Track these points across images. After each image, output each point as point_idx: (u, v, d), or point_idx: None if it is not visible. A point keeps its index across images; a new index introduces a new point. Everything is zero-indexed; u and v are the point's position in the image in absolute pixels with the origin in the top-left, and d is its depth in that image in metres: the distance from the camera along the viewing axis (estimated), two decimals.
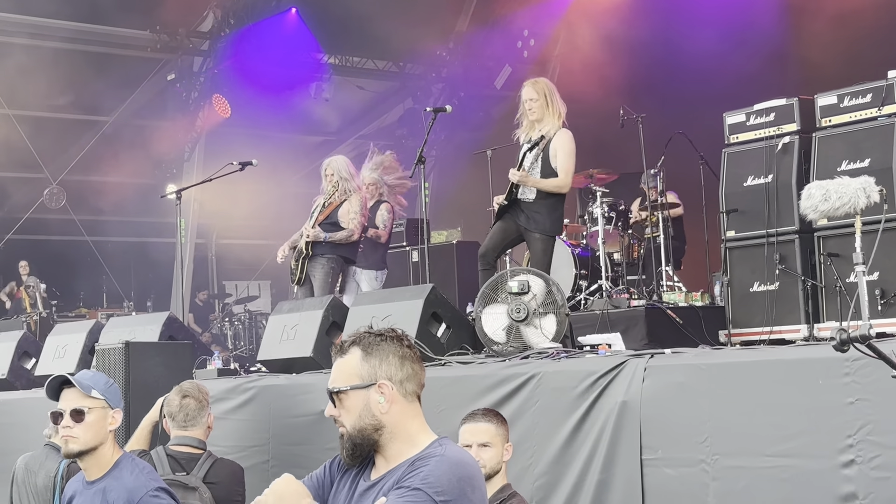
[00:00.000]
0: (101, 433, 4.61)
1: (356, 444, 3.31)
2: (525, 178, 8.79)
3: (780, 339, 7.96)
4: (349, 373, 3.35)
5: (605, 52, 16.08)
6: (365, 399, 3.32)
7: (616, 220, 11.51)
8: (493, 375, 7.05)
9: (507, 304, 7.66)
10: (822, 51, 13.70)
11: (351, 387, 3.33)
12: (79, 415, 4.58)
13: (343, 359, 3.37)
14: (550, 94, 8.93)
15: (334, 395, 3.35)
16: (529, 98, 8.97)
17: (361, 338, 3.38)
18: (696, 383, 6.09)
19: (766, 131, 8.43)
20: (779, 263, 8.12)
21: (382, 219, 11.62)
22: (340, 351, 3.40)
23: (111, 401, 4.67)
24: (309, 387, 8.26)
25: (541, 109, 8.91)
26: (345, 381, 3.34)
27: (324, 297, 9.44)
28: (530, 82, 9.08)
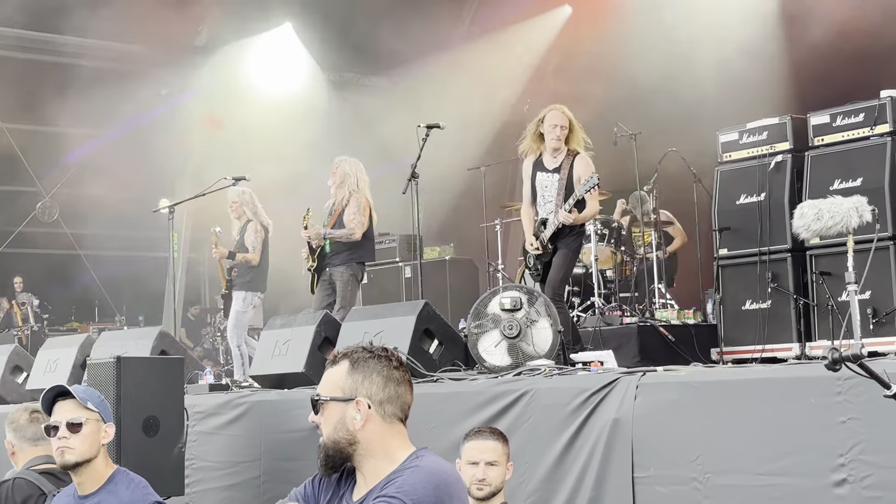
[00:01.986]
0: (95, 446, 4.64)
1: (329, 454, 3.37)
2: (578, 218, 8.68)
3: (772, 357, 7.98)
4: (333, 384, 3.38)
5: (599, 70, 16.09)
6: (342, 412, 3.34)
7: (609, 238, 11.52)
8: (486, 392, 7.04)
9: (499, 320, 7.66)
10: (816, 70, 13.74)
11: (331, 398, 3.37)
12: (75, 426, 4.60)
13: (332, 369, 3.41)
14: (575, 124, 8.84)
15: (316, 403, 3.38)
16: (560, 124, 8.75)
17: (353, 352, 3.41)
18: (688, 401, 6.09)
19: (758, 150, 8.47)
20: (771, 282, 8.14)
21: (251, 241, 11.62)
22: (332, 361, 3.43)
23: (104, 415, 4.70)
24: (301, 402, 8.24)
25: (565, 141, 8.78)
26: (327, 391, 3.38)
27: (316, 313, 9.44)
28: (560, 108, 8.88)
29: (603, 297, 10.88)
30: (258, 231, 11.53)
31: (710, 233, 8.81)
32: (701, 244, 10.61)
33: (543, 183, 8.94)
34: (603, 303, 10.72)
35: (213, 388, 9.37)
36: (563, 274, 8.79)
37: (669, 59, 14.98)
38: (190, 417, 8.05)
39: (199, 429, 8.73)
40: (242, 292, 11.51)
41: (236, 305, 11.45)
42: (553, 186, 8.89)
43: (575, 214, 8.65)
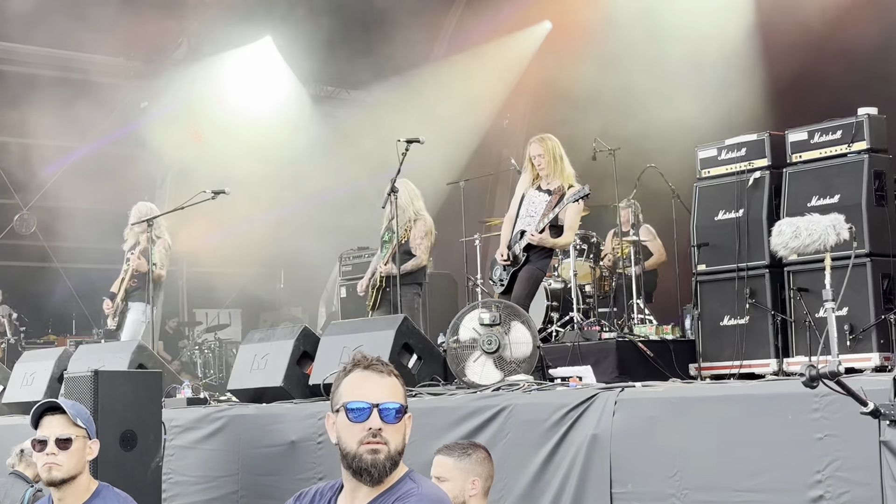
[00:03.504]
0: (81, 462, 4.63)
1: (395, 463, 3.31)
2: (544, 240, 8.97)
3: (749, 373, 8.00)
4: (401, 393, 3.37)
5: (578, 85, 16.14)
6: (405, 424, 3.36)
7: (587, 253, 11.54)
8: (464, 407, 7.04)
9: (478, 335, 7.66)
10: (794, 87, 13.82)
11: (407, 409, 3.36)
12: (65, 442, 4.58)
13: (391, 379, 3.36)
14: (557, 152, 9.16)
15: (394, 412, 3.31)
16: (537, 154, 9.18)
17: (392, 367, 3.41)
18: (666, 417, 6.10)
19: (737, 166, 8.50)
20: (749, 298, 8.17)
21: (160, 256, 11.67)
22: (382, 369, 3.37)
23: (91, 431, 4.69)
24: (279, 417, 8.23)
25: (548, 166, 9.13)
26: (402, 398, 3.36)
27: (295, 327, 9.43)
28: (537, 139, 9.30)
29: (582, 312, 10.89)
30: (165, 247, 11.64)
31: (688, 248, 8.83)
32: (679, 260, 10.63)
33: (532, 198, 9.18)
34: (582, 318, 10.73)
35: (191, 402, 9.34)
36: (527, 290, 8.97)
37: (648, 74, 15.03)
38: (167, 432, 8.02)
39: (176, 443, 8.70)
40: (140, 304, 11.52)
41: (134, 316, 11.49)
42: (540, 204, 9.08)
43: (541, 237, 8.85)
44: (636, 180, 11.64)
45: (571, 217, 9.10)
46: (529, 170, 9.33)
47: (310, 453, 7.83)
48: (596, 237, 11.76)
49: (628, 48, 15.43)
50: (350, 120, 21.31)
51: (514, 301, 8.65)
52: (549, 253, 9.32)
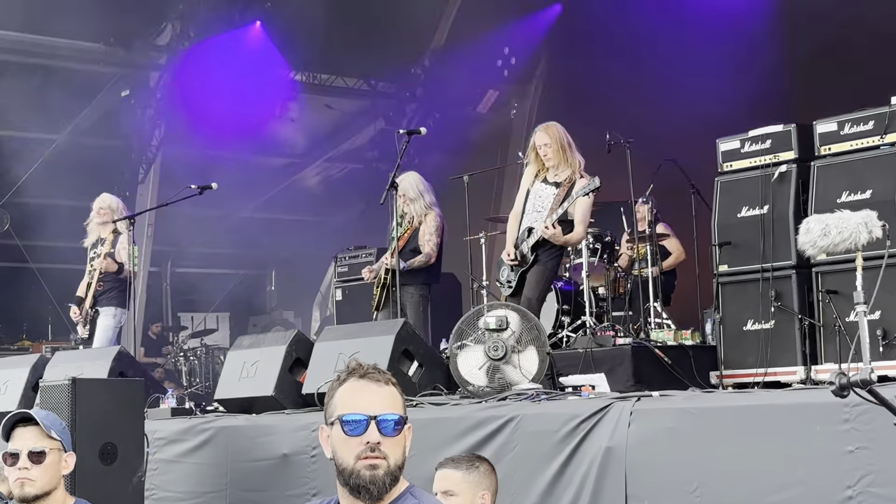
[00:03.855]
0: (56, 477, 4.62)
1: (395, 478, 3.31)
2: (556, 236, 9.02)
3: (775, 381, 7.98)
4: (400, 403, 3.37)
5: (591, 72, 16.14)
6: (405, 436, 3.35)
7: (601, 253, 11.52)
8: (469, 418, 7.05)
9: (483, 341, 7.66)
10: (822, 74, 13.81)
11: (407, 420, 3.36)
12: (38, 456, 4.57)
13: (389, 388, 3.35)
14: (564, 141, 9.21)
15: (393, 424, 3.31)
16: (544, 143, 9.25)
17: (390, 375, 3.40)
18: (685, 428, 6.10)
19: (761, 159, 8.47)
20: (774, 300, 8.15)
21: (127, 254, 11.56)
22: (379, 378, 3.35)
23: (66, 444, 4.68)
24: (270, 428, 8.23)
25: (555, 155, 9.20)
26: (401, 409, 3.35)
27: (287, 333, 9.43)
28: (542, 127, 9.38)
29: (594, 316, 10.87)
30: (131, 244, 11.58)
31: (709, 248, 8.82)
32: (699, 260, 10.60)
33: (539, 192, 9.22)
34: (594, 322, 10.71)
35: (176, 413, 9.35)
36: (538, 292, 9.01)
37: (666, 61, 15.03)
38: (150, 444, 8.02)
39: (160, 456, 8.71)
40: (112, 308, 11.50)
41: (106, 322, 11.45)
42: (548, 198, 9.12)
43: (555, 231, 8.87)
44: (653, 175, 11.62)
45: (582, 211, 9.12)
46: (534, 161, 9.36)
47: (303, 467, 7.83)
48: (610, 235, 11.75)
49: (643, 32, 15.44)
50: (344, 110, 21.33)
51: (524, 304, 8.66)
52: (560, 251, 9.34)
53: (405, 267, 10.31)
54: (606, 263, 11.54)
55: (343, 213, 21.48)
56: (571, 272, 11.63)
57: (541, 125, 9.43)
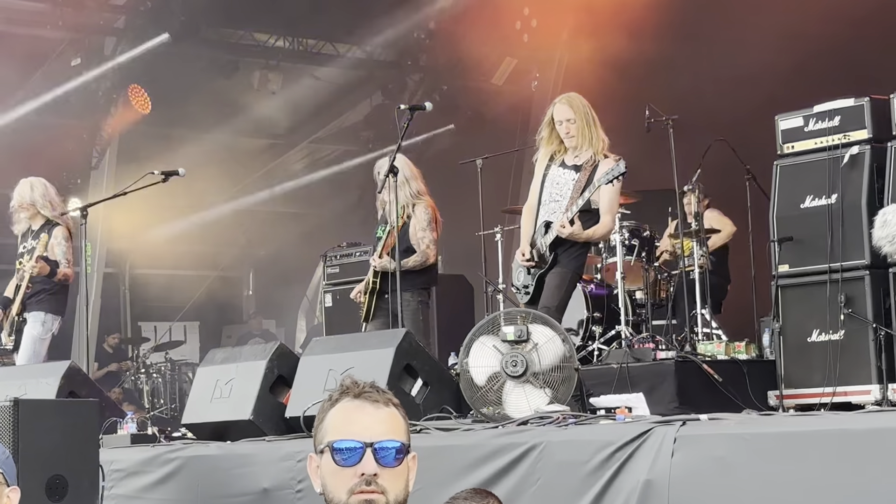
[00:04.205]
0: None
1: None
2: (575, 234, 8.95)
3: (845, 402, 7.99)
4: (403, 428, 3.38)
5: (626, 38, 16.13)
6: (409, 467, 3.37)
7: (639, 250, 11.52)
8: (483, 446, 7.05)
9: (500, 355, 7.67)
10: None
11: (410, 448, 3.37)
12: None
13: (389, 410, 3.37)
14: (590, 115, 9.09)
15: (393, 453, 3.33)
16: (567, 118, 9.12)
17: (391, 394, 3.41)
18: (739, 458, 6.10)
19: (828, 139, 8.48)
20: (844, 307, 8.16)
21: (62, 251, 11.48)
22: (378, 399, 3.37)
23: (8, 476, 4.65)
24: (248, 458, 8.25)
25: (579, 133, 9.07)
26: (403, 436, 3.37)
27: (267, 346, 9.44)
28: (565, 99, 9.25)
29: (631, 325, 10.88)
30: (67, 238, 11.48)
31: (766, 244, 8.83)
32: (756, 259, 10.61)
33: (556, 178, 9.13)
34: (631, 333, 10.72)
35: (137, 440, 9.36)
36: (559, 299, 8.96)
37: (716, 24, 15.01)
38: (106, 477, 8.04)
39: (117, 492, 8.73)
40: (41, 314, 11.47)
41: (33, 330, 11.40)
42: (567, 185, 9.05)
43: (572, 229, 8.83)
44: (700, 158, 11.62)
45: (609, 198, 9.06)
46: (549, 140, 9.23)
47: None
48: (650, 230, 11.75)
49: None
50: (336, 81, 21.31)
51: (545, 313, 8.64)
52: (584, 250, 9.30)
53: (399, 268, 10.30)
54: (645, 263, 11.55)
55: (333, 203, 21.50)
56: (604, 273, 11.63)
57: (562, 96, 9.33)
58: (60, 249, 11.40)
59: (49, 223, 11.55)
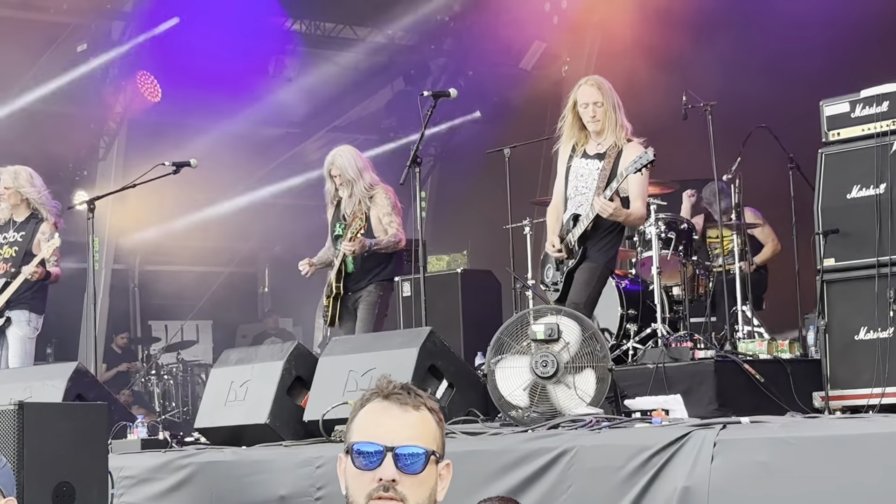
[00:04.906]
0: None
1: None
2: (617, 211, 8.96)
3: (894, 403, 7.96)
4: (432, 435, 3.38)
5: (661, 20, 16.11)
6: (436, 474, 3.36)
7: (676, 244, 11.50)
8: (512, 451, 7.06)
9: (530, 355, 7.67)
10: None
11: (440, 455, 3.37)
12: None
13: (418, 414, 3.37)
14: (616, 100, 9.13)
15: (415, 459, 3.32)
16: (594, 101, 9.13)
17: (426, 396, 3.40)
18: (782, 463, 6.09)
19: (877, 126, 8.45)
20: (894, 303, 8.14)
21: (50, 245, 11.47)
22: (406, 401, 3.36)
23: (3, 486, 4.65)
24: (264, 465, 8.26)
25: (605, 117, 9.12)
26: (430, 441, 3.35)
27: (284, 345, 9.45)
28: (593, 82, 9.26)
29: (668, 323, 10.87)
30: (54, 234, 11.47)
31: (811, 237, 8.81)
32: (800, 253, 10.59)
33: (579, 171, 9.16)
34: (668, 331, 10.71)
35: (147, 445, 9.39)
36: (587, 295, 8.98)
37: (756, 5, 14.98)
38: (115, 485, 8.06)
39: (127, 499, 8.75)
40: (26, 312, 11.49)
41: (20, 331, 11.43)
42: (592, 175, 9.07)
43: (616, 204, 8.83)
44: (741, 146, 11.60)
45: (639, 184, 9.08)
46: (571, 128, 9.23)
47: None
48: (686, 223, 11.74)
49: None
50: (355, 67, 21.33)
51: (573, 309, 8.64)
52: (615, 243, 9.29)
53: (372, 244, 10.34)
54: (682, 257, 11.53)
55: None
56: (639, 268, 11.62)
57: (588, 78, 9.33)
58: (48, 246, 11.40)
59: (34, 217, 11.57)
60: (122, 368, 19.80)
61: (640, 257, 11.65)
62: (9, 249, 11.50)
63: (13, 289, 11.35)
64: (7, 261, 11.51)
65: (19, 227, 11.54)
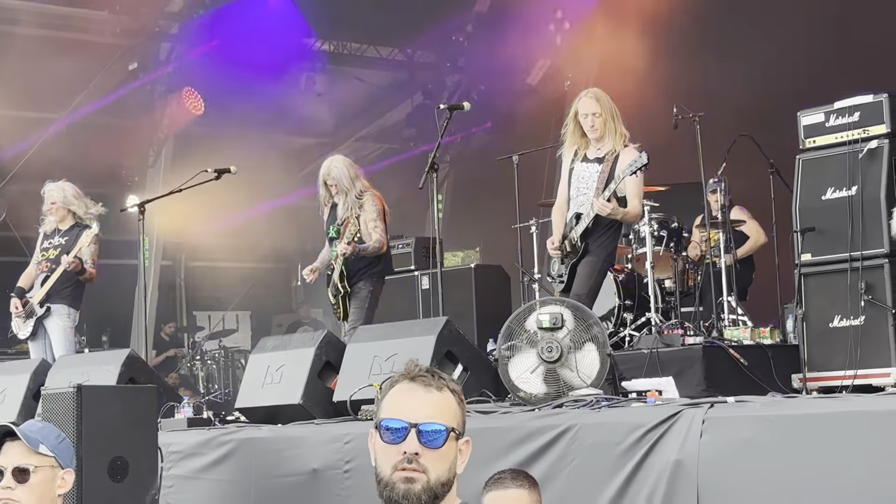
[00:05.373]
0: (47, 497, 4.58)
1: (435, 496, 3.32)
2: (615, 210, 8.99)
3: (866, 385, 7.94)
4: (452, 413, 3.38)
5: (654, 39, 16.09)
6: (455, 450, 3.37)
7: (668, 241, 11.50)
8: (520, 428, 7.05)
9: (536, 342, 7.66)
10: None
11: (460, 432, 3.37)
12: (23, 474, 4.55)
13: (440, 395, 3.38)
14: (614, 110, 9.13)
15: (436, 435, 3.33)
16: (592, 112, 9.14)
17: (448, 379, 3.42)
18: (764, 438, 6.08)
19: (848, 134, 8.42)
20: (864, 293, 8.11)
21: (90, 252, 11.52)
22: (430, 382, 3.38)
23: (62, 459, 4.65)
24: (298, 440, 8.27)
25: (603, 126, 9.14)
26: (451, 419, 3.36)
27: (315, 333, 9.46)
28: (591, 93, 9.28)
29: (661, 312, 10.86)
30: (95, 241, 11.52)
31: (789, 235, 8.79)
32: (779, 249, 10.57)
33: (581, 174, 9.19)
34: (661, 319, 10.70)
35: (193, 424, 9.40)
36: (589, 287, 8.98)
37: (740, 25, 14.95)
38: (165, 459, 8.07)
39: (175, 472, 8.76)
40: (65, 306, 11.53)
41: (60, 322, 11.48)
42: (592, 178, 9.09)
43: (614, 205, 8.85)
44: (726, 153, 11.58)
45: (635, 184, 9.09)
46: (573, 135, 9.26)
47: (335, 484, 7.86)
48: (678, 221, 11.72)
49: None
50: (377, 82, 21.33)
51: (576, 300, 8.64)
52: (613, 239, 9.29)
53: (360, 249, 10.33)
54: (674, 253, 11.52)
55: None
56: (634, 263, 11.61)
57: (588, 91, 9.33)
58: (88, 251, 11.47)
59: (78, 225, 11.62)
60: (169, 354, 19.85)
61: (635, 253, 11.66)
62: (52, 251, 11.59)
63: (54, 279, 11.43)
64: (49, 260, 11.59)
65: (64, 234, 11.63)
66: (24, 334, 11.67)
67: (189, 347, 20.46)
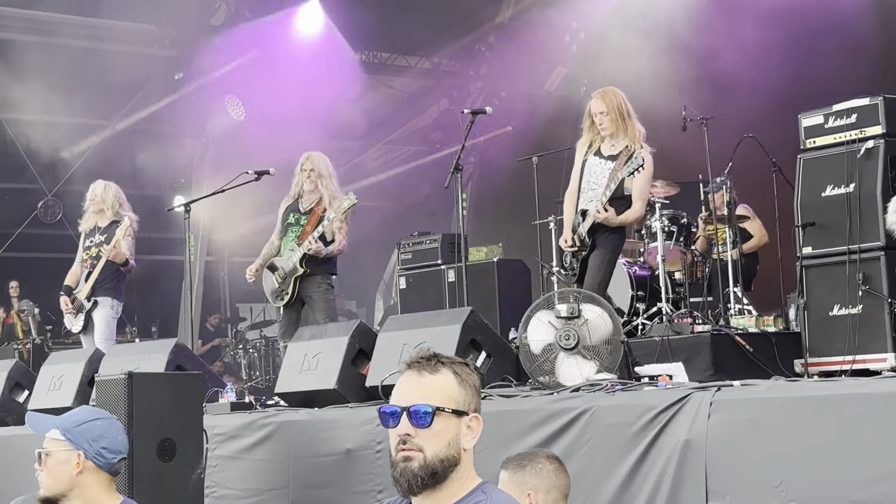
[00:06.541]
0: (62, 480, 4.54)
1: (433, 473, 3.30)
2: (610, 219, 8.94)
3: (863, 369, 7.92)
4: (446, 393, 3.36)
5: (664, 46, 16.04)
6: (457, 428, 3.35)
7: (678, 235, 11.48)
8: (540, 410, 7.04)
9: (554, 330, 7.65)
10: None
11: (451, 409, 3.34)
12: (42, 457, 4.60)
13: (433, 377, 3.37)
14: (623, 108, 9.03)
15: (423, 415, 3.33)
16: (599, 111, 9.11)
17: (450, 360, 3.42)
18: (769, 420, 6.06)
19: (846, 135, 8.39)
20: (862, 284, 8.08)
21: (127, 244, 11.57)
22: (423, 367, 3.39)
23: (76, 442, 4.59)
24: (333, 423, 8.27)
25: (612, 124, 9.06)
26: (442, 399, 3.34)
27: (349, 323, 9.46)
28: (599, 93, 9.24)
29: (671, 302, 10.83)
30: (132, 234, 11.58)
31: (792, 229, 8.75)
32: (782, 242, 10.53)
33: (593, 168, 9.13)
34: (671, 309, 10.68)
35: (235, 408, 9.41)
36: (600, 278, 8.93)
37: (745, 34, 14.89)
38: (210, 440, 8.08)
39: (219, 453, 8.78)
40: (109, 298, 11.57)
41: (105, 312, 11.53)
42: (603, 174, 9.03)
43: (607, 215, 8.81)
44: (731, 153, 11.54)
45: (641, 185, 9.01)
46: (589, 130, 9.23)
47: (368, 463, 7.86)
48: (686, 217, 11.70)
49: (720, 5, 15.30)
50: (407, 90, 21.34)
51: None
52: (620, 231, 9.24)
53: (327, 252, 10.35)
54: (683, 247, 11.50)
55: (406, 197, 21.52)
56: (646, 257, 11.59)
57: (598, 91, 9.29)
58: (126, 244, 11.52)
59: (115, 223, 11.66)
60: (214, 343, 19.92)
61: (646, 247, 11.64)
62: (94, 249, 11.65)
63: (97, 273, 11.50)
64: (91, 257, 11.65)
65: (103, 231, 11.68)
66: (77, 328, 11.75)
67: (232, 337, 20.50)
